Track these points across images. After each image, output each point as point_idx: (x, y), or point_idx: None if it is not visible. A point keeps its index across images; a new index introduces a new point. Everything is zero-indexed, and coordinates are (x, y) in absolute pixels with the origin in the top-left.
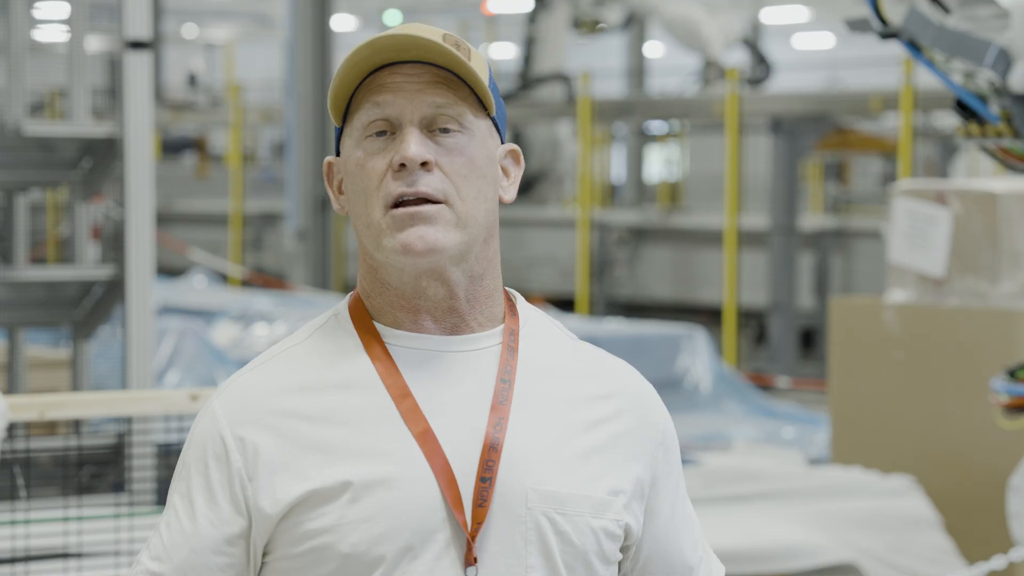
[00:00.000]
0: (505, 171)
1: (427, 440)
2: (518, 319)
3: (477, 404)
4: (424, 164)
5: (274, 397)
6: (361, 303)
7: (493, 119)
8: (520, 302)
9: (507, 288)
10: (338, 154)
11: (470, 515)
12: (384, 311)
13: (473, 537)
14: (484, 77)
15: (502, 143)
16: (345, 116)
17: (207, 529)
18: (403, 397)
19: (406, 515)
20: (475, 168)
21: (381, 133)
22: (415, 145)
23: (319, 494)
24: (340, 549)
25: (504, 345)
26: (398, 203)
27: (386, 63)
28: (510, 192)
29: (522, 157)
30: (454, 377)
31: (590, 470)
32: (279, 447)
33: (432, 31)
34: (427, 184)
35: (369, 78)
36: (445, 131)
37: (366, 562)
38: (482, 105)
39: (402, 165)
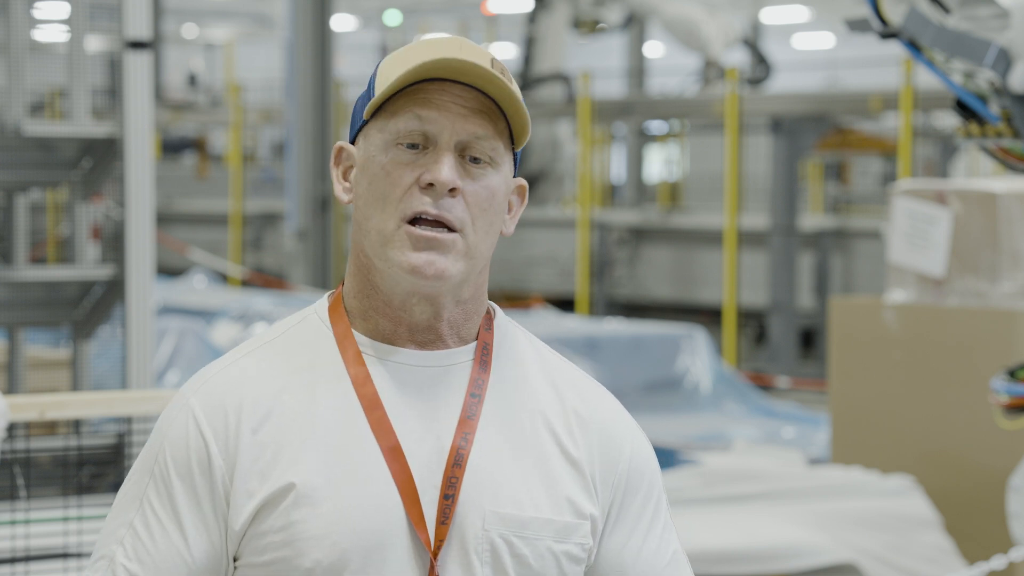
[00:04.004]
0: (510, 205)
1: (395, 457)
2: (493, 334)
3: (445, 419)
4: (452, 190)
5: (250, 397)
6: (341, 305)
7: (516, 154)
8: (499, 317)
9: (489, 302)
10: (352, 142)
11: (433, 533)
12: (365, 314)
13: (435, 555)
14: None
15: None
16: (374, 112)
17: (199, 545)
18: (373, 408)
19: (369, 532)
20: (493, 203)
21: (413, 145)
22: (448, 169)
23: (283, 499)
24: (302, 564)
25: (476, 360)
26: (415, 219)
27: (438, 77)
28: (510, 226)
29: (527, 193)
30: (426, 391)
31: (557, 492)
32: (252, 450)
33: (482, 54)
34: (450, 210)
35: (415, 87)
36: (475, 160)
37: None
38: (511, 139)
39: (430, 185)
